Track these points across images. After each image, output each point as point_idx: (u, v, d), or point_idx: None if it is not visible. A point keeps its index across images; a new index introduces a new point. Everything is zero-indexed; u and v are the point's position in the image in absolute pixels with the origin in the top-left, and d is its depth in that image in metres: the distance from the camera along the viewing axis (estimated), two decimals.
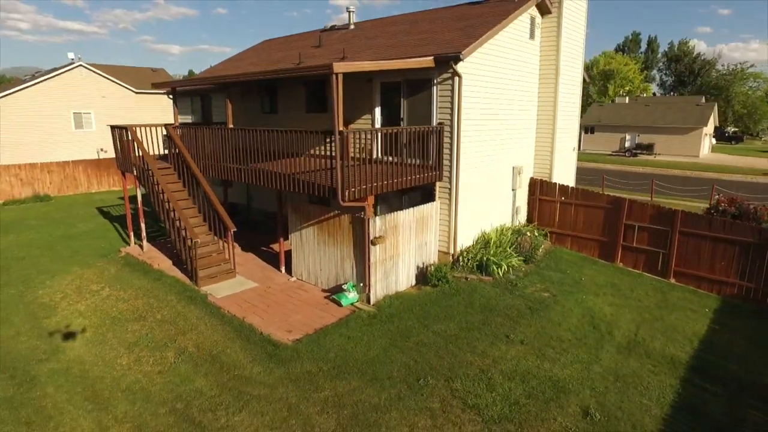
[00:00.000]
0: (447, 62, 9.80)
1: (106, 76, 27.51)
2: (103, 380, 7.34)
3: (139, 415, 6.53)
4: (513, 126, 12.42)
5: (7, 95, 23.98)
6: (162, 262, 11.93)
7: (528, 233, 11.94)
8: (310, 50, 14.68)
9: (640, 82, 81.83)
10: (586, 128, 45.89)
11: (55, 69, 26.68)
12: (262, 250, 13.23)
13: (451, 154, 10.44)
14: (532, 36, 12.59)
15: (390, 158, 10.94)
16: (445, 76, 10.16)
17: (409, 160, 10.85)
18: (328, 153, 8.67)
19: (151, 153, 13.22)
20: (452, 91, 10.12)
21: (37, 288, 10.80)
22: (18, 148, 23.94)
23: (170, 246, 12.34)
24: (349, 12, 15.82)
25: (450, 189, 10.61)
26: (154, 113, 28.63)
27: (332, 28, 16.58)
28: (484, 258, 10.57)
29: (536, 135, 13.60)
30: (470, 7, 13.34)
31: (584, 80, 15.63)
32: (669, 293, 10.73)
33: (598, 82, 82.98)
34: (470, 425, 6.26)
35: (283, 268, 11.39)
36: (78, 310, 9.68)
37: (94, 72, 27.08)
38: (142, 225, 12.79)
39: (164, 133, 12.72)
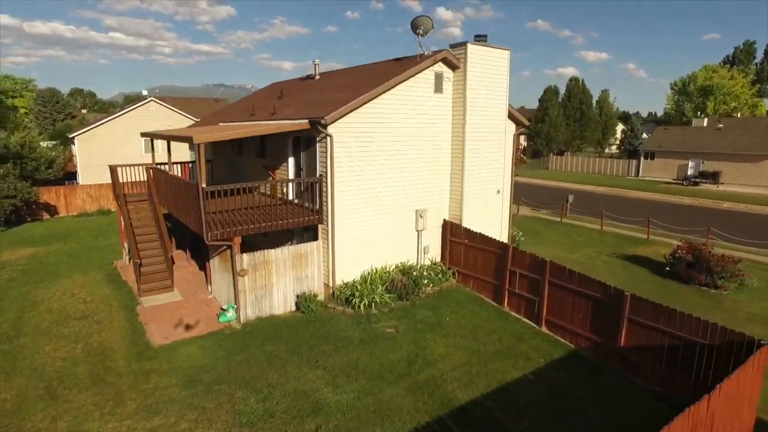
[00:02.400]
0: (316, 125, 11.71)
1: (172, 108, 33.06)
2: (25, 360, 10.44)
3: (25, 386, 9.43)
4: (412, 174, 13.74)
5: (96, 126, 30.26)
6: (131, 276, 15.24)
7: (413, 273, 13.19)
8: (274, 101, 17.31)
9: (750, 97, 73.03)
10: (646, 154, 42.89)
11: (134, 103, 32.79)
12: None
13: (328, 202, 12.25)
14: (439, 90, 13.83)
15: (297, 200, 13.15)
16: (323, 134, 12.04)
17: (307, 204, 12.91)
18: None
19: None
20: (326, 148, 11.97)
21: (39, 288, 14.63)
22: (98, 170, 29.95)
23: None
24: (315, 64, 18.23)
25: (328, 231, 12.41)
26: None
27: (308, 77, 19.09)
28: (349, 293, 12.16)
29: (450, 180, 14.69)
30: (393, 64, 14.88)
31: (520, 122, 16.26)
32: (525, 341, 11.33)
33: (696, 99, 75.61)
34: (220, 424, 8.17)
35: (210, 287, 14.01)
36: (51, 308, 13.17)
37: (162, 105, 32.79)
38: (125, 244, 16.33)
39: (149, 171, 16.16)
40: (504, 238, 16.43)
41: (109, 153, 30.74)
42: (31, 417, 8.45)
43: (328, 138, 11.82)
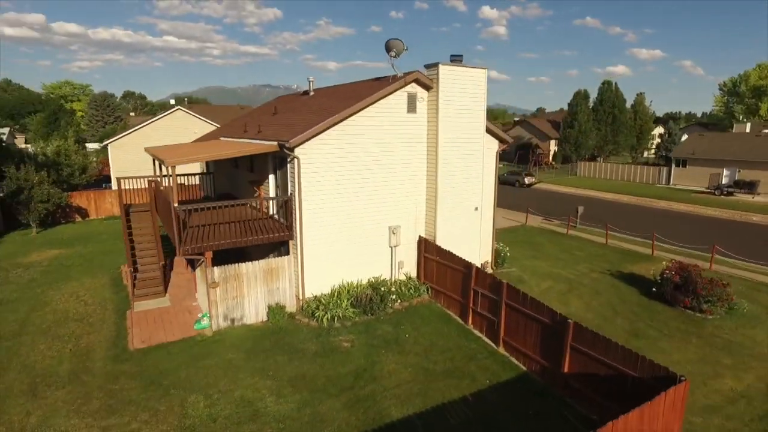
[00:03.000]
0: (283, 148, 12.39)
1: (197, 115, 34.93)
2: (20, 357, 11.73)
3: (13, 381, 10.65)
4: (385, 192, 14.18)
5: (128, 134, 32.49)
6: (131, 280, 16.54)
7: (382, 288, 13.64)
8: (268, 117, 18.19)
9: None
10: (677, 161, 40.98)
11: (163, 112, 34.87)
12: None
13: (298, 219, 12.93)
14: (412, 110, 14.19)
15: (277, 216, 13.95)
16: (291, 156, 12.72)
17: (281, 220, 13.68)
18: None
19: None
20: (295, 169, 12.64)
21: (51, 290, 16.17)
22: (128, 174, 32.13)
23: None
24: (309, 81, 18.98)
25: (297, 246, 13.09)
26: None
27: (305, 93, 19.87)
28: (315, 306, 12.78)
29: (426, 197, 15.01)
30: (374, 84, 15.30)
31: (503, 140, 16.32)
32: (478, 361, 11.55)
33: (747, 100, 71.20)
34: (166, 425, 9.00)
35: (197, 295, 15.04)
36: (56, 309, 14.59)
37: (189, 113, 34.74)
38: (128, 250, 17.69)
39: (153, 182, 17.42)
40: (484, 254, 16.59)
41: (140, 159, 32.93)
42: (9, 410, 9.61)
43: (296, 159, 12.50)
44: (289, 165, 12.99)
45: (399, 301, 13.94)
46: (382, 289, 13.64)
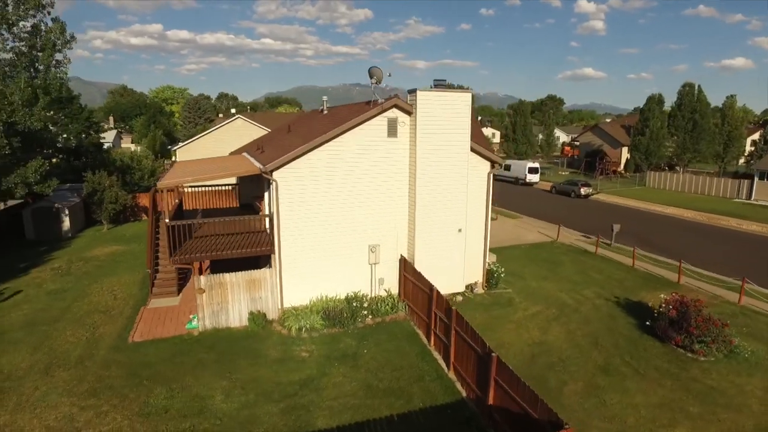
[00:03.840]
0: (263, 172, 13.70)
1: (255, 123, 37.89)
2: (50, 340, 14.26)
3: (38, 360, 13.06)
4: (364, 212, 14.98)
5: (192, 141, 36.28)
6: (151, 279, 18.95)
7: (354, 303, 14.46)
8: (281, 135, 19.74)
9: None
10: (761, 174, 36.41)
11: (223, 121, 38.32)
12: None
13: (276, 235, 14.20)
14: (393, 134, 14.81)
15: (268, 231, 15.42)
16: (271, 179, 13.98)
17: (270, 235, 15.07)
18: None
19: None
20: (273, 190, 13.91)
21: (96, 283, 19.05)
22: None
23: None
24: (324, 101, 20.20)
25: (276, 260, 14.36)
26: None
27: (321, 110, 21.17)
28: (288, 315, 13.97)
29: (408, 218, 15.54)
30: (361, 107, 16.03)
31: (494, 161, 16.30)
32: (423, 383, 11.98)
33: None
34: (128, 411, 10.66)
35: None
36: (92, 301, 17.28)
37: (247, 121, 37.82)
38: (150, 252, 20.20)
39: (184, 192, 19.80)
40: (472, 275, 16.72)
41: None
42: (25, 384, 11.93)
43: (274, 182, 13.76)
44: (271, 186, 14.30)
45: (371, 316, 14.67)
46: (355, 304, 14.47)
